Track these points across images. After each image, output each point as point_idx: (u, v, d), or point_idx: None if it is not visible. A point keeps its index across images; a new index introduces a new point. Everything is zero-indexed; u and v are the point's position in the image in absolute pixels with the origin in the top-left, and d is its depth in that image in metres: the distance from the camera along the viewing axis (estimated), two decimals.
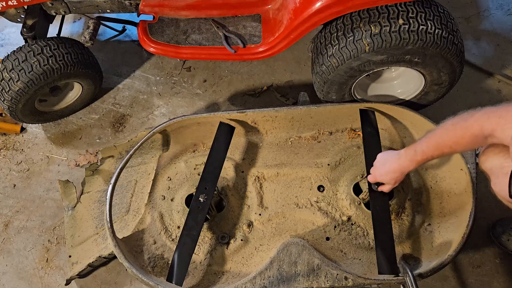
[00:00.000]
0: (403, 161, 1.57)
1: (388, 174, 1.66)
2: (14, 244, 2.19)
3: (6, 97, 2.10)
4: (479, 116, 1.29)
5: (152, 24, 2.12)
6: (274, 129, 2.14)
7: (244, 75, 2.61)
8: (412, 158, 1.54)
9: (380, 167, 1.69)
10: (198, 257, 1.90)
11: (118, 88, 2.60)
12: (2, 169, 2.39)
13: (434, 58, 1.83)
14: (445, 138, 1.41)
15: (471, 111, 1.33)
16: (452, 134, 1.39)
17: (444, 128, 1.41)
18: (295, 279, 1.68)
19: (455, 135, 1.37)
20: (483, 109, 1.29)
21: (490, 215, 2.02)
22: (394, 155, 1.62)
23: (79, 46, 2.23)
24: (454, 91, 2.16)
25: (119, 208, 2.06)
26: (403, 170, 1.61)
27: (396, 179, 1.66)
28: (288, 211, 1.98)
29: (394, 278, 1.63)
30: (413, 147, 1.54)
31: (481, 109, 1.30)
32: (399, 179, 1.66)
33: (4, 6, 2.04)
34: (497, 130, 1.23)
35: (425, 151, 1.49)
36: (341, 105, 2.07)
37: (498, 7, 2.73)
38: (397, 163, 1.60)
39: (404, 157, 1.57)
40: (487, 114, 1.27)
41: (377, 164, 1.71)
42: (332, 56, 1.87)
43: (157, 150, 2.14)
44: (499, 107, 1.24)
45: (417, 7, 1.77)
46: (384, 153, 1.71)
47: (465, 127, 1.33)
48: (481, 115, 1.29)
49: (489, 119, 1.26)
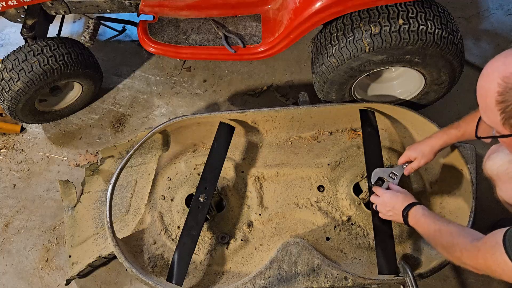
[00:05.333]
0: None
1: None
2: (14, 244, 2.19)
3: (6, 97, 2.10)
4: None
5: (152, 24, 2.12)
6: (274, 129, 2.14)
7: (244, 75, 2.61)
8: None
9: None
10: (198, 257, 1.90)
11: (118, 88, 2.60)
12: (2, 169, 2.39)
13: (434, 58, 1.83)
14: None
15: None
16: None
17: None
18: (295, 279, 1.68)
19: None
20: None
21: (490, 215, 2.01)
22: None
23: (79, 46, 2.23)
24: (454, 91, 2.16)
25: (119, 208, 2.06)
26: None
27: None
28: (288, 211, 1.98)
29: (394, 278, 1.63)
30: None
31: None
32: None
33: (4, 6, 2.04)
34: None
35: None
36: (341, 105, 2.07)
37: (498, 7, 2.73)
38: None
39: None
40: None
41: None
42: (332, 56, 1.86)
43: (157, 150, 2.14)
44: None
45: (417, 7, 1.76)
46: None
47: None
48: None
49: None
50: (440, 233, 1.41)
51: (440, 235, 1.40)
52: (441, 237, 1.40)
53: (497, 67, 1.06)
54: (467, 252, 1.28)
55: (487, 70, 1.10)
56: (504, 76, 1.02)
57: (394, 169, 1.80)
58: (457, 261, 1.34)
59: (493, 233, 1.20)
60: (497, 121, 1.07)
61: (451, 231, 1.37)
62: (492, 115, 1.07)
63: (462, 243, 1.30)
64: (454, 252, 1.33)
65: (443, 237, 1.39)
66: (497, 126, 1.09)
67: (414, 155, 1.74)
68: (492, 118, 1.09)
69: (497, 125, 1.08)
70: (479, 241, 1.25)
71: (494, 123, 1.10)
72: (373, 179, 1.81)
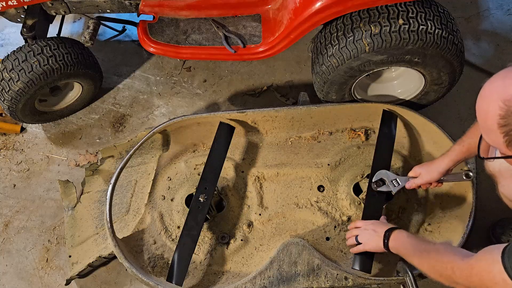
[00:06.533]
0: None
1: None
2: (14, 244, 2.19)
3: (6, 97, 2.10)
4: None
5: (152, 24, 2.12)
6: (274, 129, 2.14)
7: (244, 75, 2.61)
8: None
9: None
10: (198, 257, 1.90)
11: (118, 88, 2.60)
12: (2, 169, 2.39)
13: (434, 58, 1.83)
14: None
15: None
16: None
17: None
18: (295, 279, 1.68)
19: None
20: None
21: (490, 215, 2.01)
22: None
23: (79, 46, 2.23)
24: (454, 91, 2.16)
25: (119, 208, 2.06)
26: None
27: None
28: (288, 211, 1.98)
29: (394, 278, 1.63)
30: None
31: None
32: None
33: (4, 6, 2.04)
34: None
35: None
36: (341, 105, 2.07)
37: (498, 7, 2.73)
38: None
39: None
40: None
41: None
42: (332, 56, 1.86)
43: (157, 150, 2.14)
44: None
45: (417, 7, 1.76)
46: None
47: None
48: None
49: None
50: (427, 253, 1.37)
51: (428, 254, 1.36)
52: (428, 257, 1.36)
53: (496, 89, 1.02)
54: (459, 271, 1.22)
55: (485, 91, 1.05)
56: (505, 99, 0.98)
57: (399, 178, 1.79)
58: (448, 281, 1.28)
59: (487, 249, 1.16)
60: (501, 143, 1.04)
61: (438, 249, 1.34)
62: (495, 137, 1.04)
63: (453, 261, 1.25)
64: (445, 271, 1.27)
65: (431, 256, 1.35)
66: (501, 148, 1.06)
67: (419, 171, 1.72)
68: (495, 140, 1.06)
69: (501, 146, 1.05)
70: (471, 258, 1.20)
71: (498, 144, 1.06)
72: (375, 178, 1.80)
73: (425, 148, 2.05)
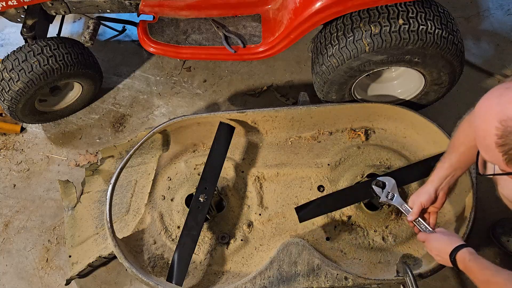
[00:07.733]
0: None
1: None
2: (14, 244, 2.19)
3: (6, 97, 2.10)
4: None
5: (152, 24, 2.12)
6: (274, 129, 2.14)
7: (244, 75, 2.61)
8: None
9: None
10: (198, 257, 1.90)
11: (118, 88, 2.61)
12: (2, 169, 2.39)
13: (434, 58, 1.83)
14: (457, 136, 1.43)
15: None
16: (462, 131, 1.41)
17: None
18: (295, 279, 1.68)
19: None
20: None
21: (490, 215, 2.01)
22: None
23: (79, 46, 2.23)
24: (454, 91, 2.16)
25: (119, 208, 2.06)
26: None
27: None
28: (288, 211, 1.98)
29: (394, 278, 1.63)
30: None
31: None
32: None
33: (4, 6, 2.04)
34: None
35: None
36: (341, 105, 2.07)
37: (498, 7, 2.73)
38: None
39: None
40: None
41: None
42: (332, 56, 1.87)
43: (157, 150, 2.14)
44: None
45: (417, 7, 1.76)
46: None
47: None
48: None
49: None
50: (487, 285, 1.30)
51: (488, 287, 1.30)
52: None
53: (492, 108, 1.01)
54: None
55: (481, 109, 1.05)
56: (502, 119, 0.98)
57: (397, 196, 1.73)
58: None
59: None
60: (500, 161, 1.03)
61: (498, 282, 1.26)
62: (494, 155, 1.03)
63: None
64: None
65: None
66: (501, 165, 1.06)
67: (411, 198, 1.66)
68: (494, 158, 1.05)
69: (500, 163, 1.05)
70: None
71: (497, 161, 1.06)
72: (382, 179, 1.76)
73: (425, 148, 2.05)
